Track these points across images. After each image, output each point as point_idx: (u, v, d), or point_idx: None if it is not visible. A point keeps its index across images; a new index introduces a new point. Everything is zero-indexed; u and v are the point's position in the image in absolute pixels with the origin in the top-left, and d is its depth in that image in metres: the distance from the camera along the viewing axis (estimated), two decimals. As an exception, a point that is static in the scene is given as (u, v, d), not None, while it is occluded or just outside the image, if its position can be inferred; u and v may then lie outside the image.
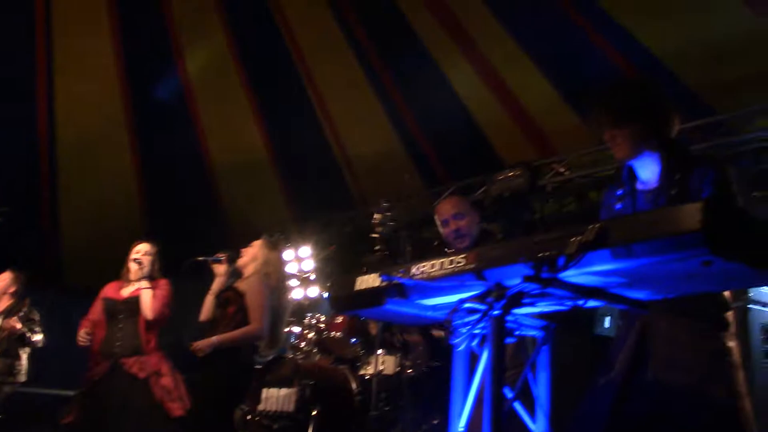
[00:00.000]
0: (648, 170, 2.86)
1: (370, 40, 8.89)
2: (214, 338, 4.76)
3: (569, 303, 2.32)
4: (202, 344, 4.70)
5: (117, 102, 9.48)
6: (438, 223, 4.39)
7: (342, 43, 8.97)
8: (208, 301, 5.16)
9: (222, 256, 5.29)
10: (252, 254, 5.27)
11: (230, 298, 5.01)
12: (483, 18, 7.98)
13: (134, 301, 5.32)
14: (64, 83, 9.15)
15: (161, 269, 5.61)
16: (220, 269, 5.25)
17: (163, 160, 9.80)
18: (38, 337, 6.78)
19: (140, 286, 5.36)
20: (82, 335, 5.34)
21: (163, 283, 5.48)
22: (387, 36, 8.82)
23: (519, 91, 8.33)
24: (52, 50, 8.90)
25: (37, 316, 6.89)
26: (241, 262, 5.28)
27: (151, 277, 5.45)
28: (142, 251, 5.51)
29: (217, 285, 5.22)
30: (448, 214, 4.28)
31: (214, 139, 10.12)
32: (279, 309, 5.24)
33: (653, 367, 2.68)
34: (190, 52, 9.41)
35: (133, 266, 5.45)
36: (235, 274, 5.34)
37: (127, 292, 5.43)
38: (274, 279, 5.22)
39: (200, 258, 5.38)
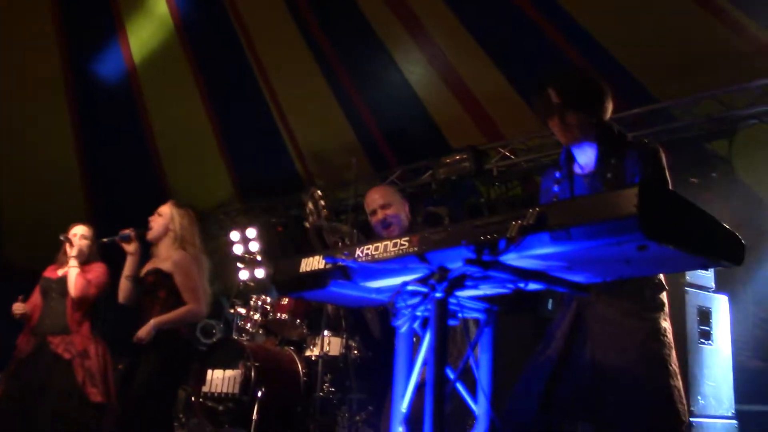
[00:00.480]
0: (585, 155, 2.92)
1: (320, 25, 8.83)
2: (152, 321, 4.60)
3: (511, 286, 2.36)
4: (142, 332, 4.58)
5: (58, 80, 9.27)
6: (367, 212, 4.35)
7: (291, 26, 8.89)
8: (124, 284, 4.89)
9: (128, 231, 4.92)
10: (163, 224, 4.94)
11: (157, 282, 4.77)
12: (432, 4, 7.99)
13: (65, 281, 5.25)
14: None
15: (96, 252, 5.49)
16: (130, 247, 4.91)
17: (106, 139, 9.60)
18: None
19: (69, 265, 5.28)
20: (17, 306, 5.26)
21: (97, 266, 5.36)
22: (337, 20, 8.77)
23: (467, 76, 8.37)
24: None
25: None
26: (152, 234, 4.94)
27: (86, 260, 5.36)
28: (78, 233, 5.42)
29: (130, 265, 4.90)
30: (375, 204, 4.24)
31: (159, 119, 9.96)
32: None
33: (589, 348, 2.74)
34: (134, 30, 9.22)
35: (66, 246, 5.37)
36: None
37: (61, 272, 5.36)
38: (192, 246, 4.94)
39: (105, 239, 5.23)
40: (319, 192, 4.24)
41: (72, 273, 5.23)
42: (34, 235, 8.11)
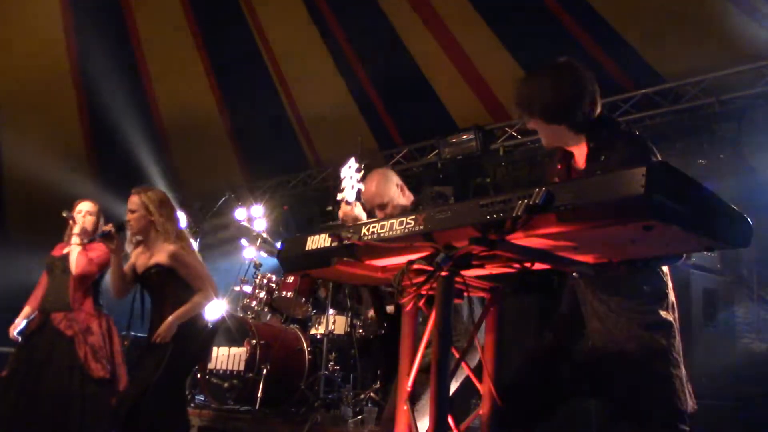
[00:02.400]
0: (577, 152, 2.90)
1: (327, 1, 8.78)
2: (171, 318, 4.59)
3: (517, 265, 2.36)
4: (162, 331, 4.57)
5: (63, 59, 9.27)
6: (365, 207, 4.25)
7: (297, 2, 8.85)
8: (116, 281, 4.79)
9: (108, 228, 4.74)
10: (140, 217, 4.80)
11: (162, 278, 4.73)
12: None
13: (68, 258, 5.28)
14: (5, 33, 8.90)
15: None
16: (112, 245, 4.72)
17: (111, 117, 9.59)
18: None
19: (71, 243, 5.28)
20: (11, 331, 5.32)
21: (98, 245, 5.26)
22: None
23: (475, 56, 8.33)
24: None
25: None
26: (134, 231, 4.82)
27: (91, 239, 5.32)
28: (83, 210, 5.42)
29: (117, 261, 4.76)
30: (372, 204, 4.17)
31: (165, 97, 9.95)
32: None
33: (590, 337, 2.74)
34: (141, 7, 9.19)
35: (70, 224, 5.37)
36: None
37: (66, 250, 5.38)
38: (176, 231, 4.86)
39: (87, 241, 5.19)
40: (355, 163, 4.16)
41: (74, 251, 5.24)
42: (38, 210, 8.13)
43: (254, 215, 9.56)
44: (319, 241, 2.63)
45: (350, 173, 4.15)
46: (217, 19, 9.39)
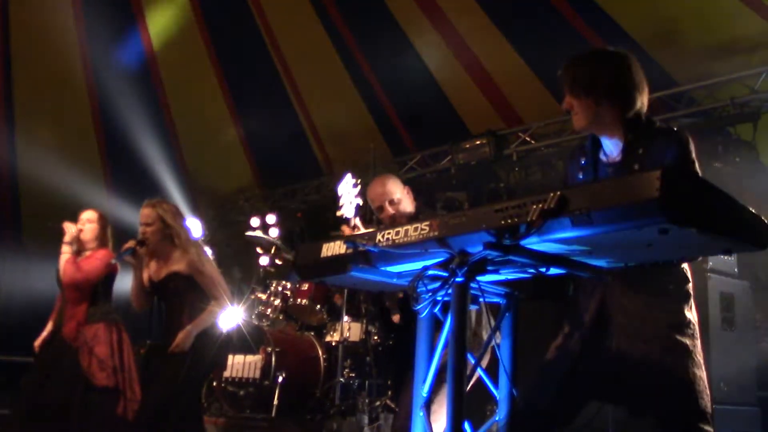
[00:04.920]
0: (611, 142, 2.86)
1: (338, 8, 8.81)
2: (190, 327, 4.60)
3: (532, 270, 2.35)
4: (180, 340, 4.58)
5: (77, 70, 9.35)
6: (372, 207, 4.23)
7: (308, 9, 8.88)
8: (137, 294, 4.83)
9: (131, 244, 4.75)
10: (156, 230, 4.79)
11: (179, 286, 4.74)
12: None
13: None
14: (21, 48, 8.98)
15: (105, 238, 5.40)
16: (134, 260, 4.79)
17: (125, 126, 9.65)
18: None
19: (62, 251, 5.26)
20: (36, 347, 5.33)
21: (98, 253, 5.27)
22: (354, 4, 8.75)
23: (486, 60, 8.33)
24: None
25: None
26: (151, 243, 4.79)
27: (94, 246, 5.31)
28: (84, 218, 5.39)
29: (138, 276, 4.82)
30: (380, 200, 4.13)
31: (178, 106, 10.01)
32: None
33: (614, 338, 2.72)
34: (153, 17, 9.26)
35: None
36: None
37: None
38: (187, 242, 4.86)
39: (113, 260, 5.10)
40: (351, 179, 4.16)
41: (62, 260, 5.20)
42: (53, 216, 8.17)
43: (268, 223, 9.59)
44: (334, 248, 2.63)
45: (348, 189, 4.15)
46: (229, 27, 9.45)
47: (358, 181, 4.18)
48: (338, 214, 4.11)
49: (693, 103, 7.17)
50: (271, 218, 9.74)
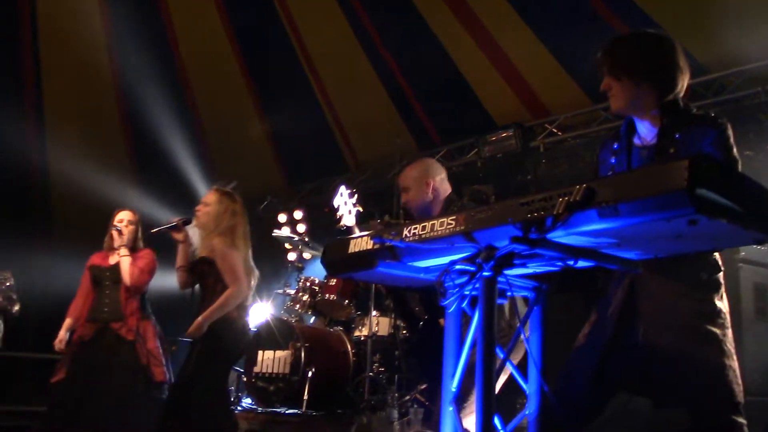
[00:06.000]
0: (645, 126, 2.83)
1: (362, 3, 8.81)
2: (200, 318, 4.65)
3: (560, 263, 2.34)
4: (193, 329, 4.64)
5: (106, 75, 9.45)
6: None
7: (333, 5, 8.89)
8: (180, 272, 4.97)
9: (176, 221, 4.98)
10: (208, 212, 4.95)
11: (205, 270, 4.84)
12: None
13: (118, 269, 5.40)
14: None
15: (143, 238, 5.62)
16: (180, 236, 4.97)
17: (152, 125, 9.73)
18: (16, 308, 6.94)
19: (120, 255, 5.42)
20: (58, 342, 5.42)
21: (145, 253, 5.54)
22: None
23: (511, 52, 8.27)
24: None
25: (13, 286, 7.01)
26: (198, 223, 4.98)
27: (133, 247, 5.50)
28: (124, 219, 5.55)
29: (182, 253, 4.98)
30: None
31: (204, 104, 10.08)
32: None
33: (642, 327, 2.69)
34: (182, 25, 9.34)
35: (114, 235, 5.49)
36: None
37: (113, 260, 5.50)
38: (240, 230, 4.97)
39: (155, 230, 5.27)
40: (346, 190, 4.22)
41: (125, 262, 5.40)
42: (84, 216, 8.30)
43: (295, 219, 9.63)
44: (361, 243, 2.64)
45: (343, 200, 4.19)
46: (254, 23, 9.47)
47: (354, 190, 4.23)
48: (339, 225, 4.16)
49: (723, 90, 7.06)
50: (298, 214, 9.79)
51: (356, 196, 4.24)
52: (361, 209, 4.24)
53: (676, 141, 2.67)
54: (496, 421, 2.34)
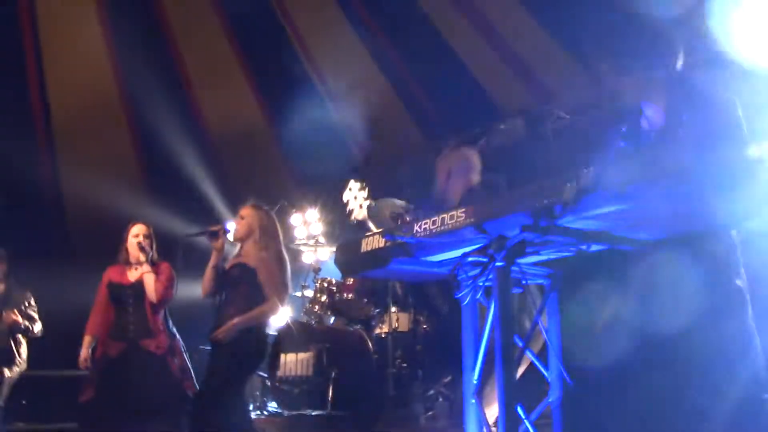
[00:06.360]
0: (653, 108, 2.81)
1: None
2: (236, 320, 4.66)
3: (573, 249, 2.33)
4: (225, 330, 4.66)
5: (111, 87, 9.51)
6: None
7: (333, 5, 8.89)
8: (208, 276, 4.98)
9: (217, 228, 5.05)
10: (246, 224, 5.04)
11: (241, 275, 4.86)
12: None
13: (140, 286, 5.37)
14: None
15: (158, 250, 5.59)
16: (217, 243, 5.00)
17: (161, 135, 9.75)
18: (38, 328, 6.97)
19: (143, 270, 5.39)
20: (83, 361, 5.41)
21: (165, 267, 5.49)
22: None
23: (514, 39, 8.24)
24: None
25: (34, 306, 7.03)
26: (237, 235, 5.05)
27: (152, 261, 5.47)
28: (140, 234, 5.51)
29: (215, 259, 5.00)
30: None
31: (211, 110, 10.09)
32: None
33: (662, 307, 2.68)
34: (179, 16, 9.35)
35: (133, 250, 5.47)
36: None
37: (133, 276, 5.45)
38: (275, 246, 5.04)
39: (194, 232, 5.33)
40: (355, 184, 4.20)
41: (149, 279, 5.36)
42: (99, 233, 8.31)
43: (309, 220, 9.62)
44: (373, 242, 2.64)
45: (353, 194, 4.16)
46: (257, 29, 9.48)
47: (364, 183, 4.20)
48: (350, 220, 4.13)
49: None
50: (312, 215, 9.77)
51: (367, 189, 4.21)
52: (372, 203, 4.21)
53: (684, 122, 2.65)
54: (519, 410, 2.33)
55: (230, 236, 5.04)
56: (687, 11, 2.84)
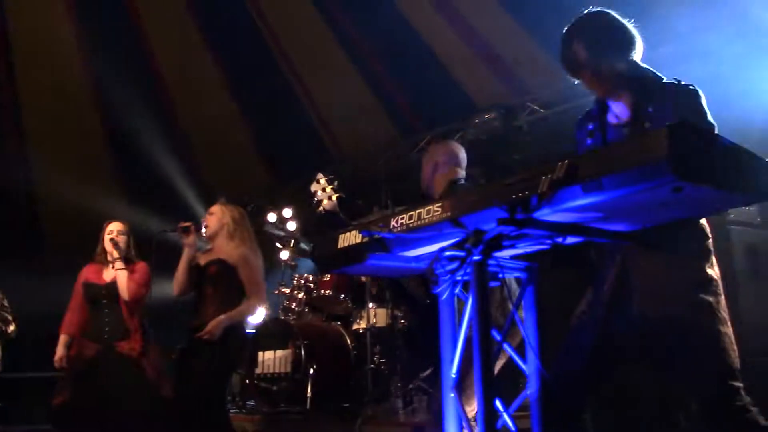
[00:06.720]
0: (619, 105, 2.84)
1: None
2: (223, 317, 4.64)
3: (548, 241, 2.33)
4: (212, 327, 4.61)
5: (83, 85, 9.42)
6: None
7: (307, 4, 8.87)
8: (182, 273, 4.96)
9: (188, 224, 5.01)
10: (216, 221, 5.05)
11: (220, 272, 4.84)
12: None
13: (115, 286, 5.29)
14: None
15: (135, 249, 5.52)
16: (189, 239, 4.97)
17: (135, 135, 9.67)
18: (12, 328, 6.88)
19: (116, 268, 5.32)
20: (58, 360, 5.35)
21: (141, 266, 5.43)
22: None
23: (487, 32, 8.24)
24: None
25: (8, 307, 6.96)
26: (208, 232, 5.05)
27: (127, 259, 5.39)
28: (115, 230, 5.44)
29: (187, 255, 4.97)
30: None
31: (184, 109, 10.03)
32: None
33: (637, 301, 2.70)
34: (149, 15, 9.27)
35: (107, 246, 5.39)
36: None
37: (108, 276, 5.38)
38: (250, 242, 5.05)
39: (165, 230, 5.33)
40: (323, 177, 4.19)
41: (122, 276, 5.28)
42: (72, 233, 8.26)
43: (285, 217, 9.59)
44: (350, 238, 2.64)
45: (321, 186, 4.16)
46: (228, 24, 9.43)
47: (332, 176, 4.20)
48: (319, 210, 4.12)
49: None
50: (287, 212, 9.74)
51: (336, 182, 4.20)
52: (343, 195, 4.20)
53: (649, 114, 2.68)
54: (498, 403, 2.33)
55: (202, 232, 5.01)
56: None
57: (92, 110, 9.72)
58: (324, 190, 4.12)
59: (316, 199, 4.14)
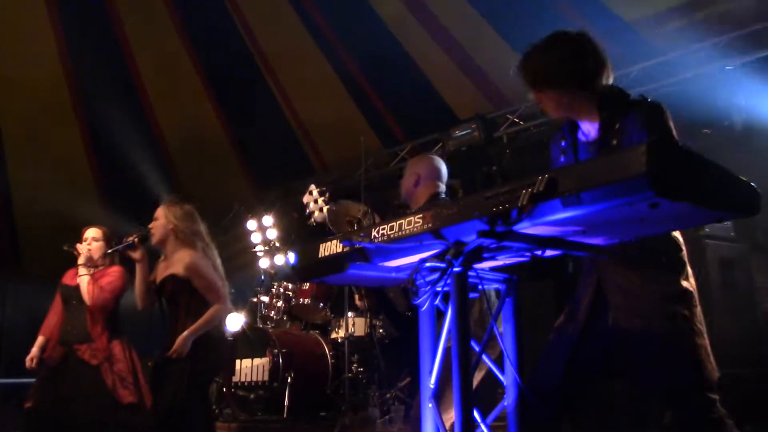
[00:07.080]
0: (587, 124, 2.87)
1: (315, 2, 8.81)
2: (186, 333, 4.55)
3: (528, 254, 2.36)
4: (178, 346, 4.54)
5: (62, 88, 9.34)
6: None
7: (287, 9, 8.87)
8: (140, 290, 4.77)
9: (131, 238, 4.77)
10: (162, 225, 4.80)
11: (175, 289, 4.67)
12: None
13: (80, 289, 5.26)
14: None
15: (113, 255, 5.35)
16: (137, 254, 4.76)
17: (115, 140, 9.62)
18: None
19: (79, 274, 5.26)
20: (29, 361, 5.32)
21: (112, 271, 5.32)
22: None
23: (468, 44, 8.31)
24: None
25: None
26: (155, 240, 4.81)
27: (103, 263, 5.33)
28: (89, 237, 5.39)
29: (141, 272, 4.77)
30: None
31: (165, 116, 10.00)
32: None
33: (613, 315, 2.73)
34: (133, 28, 9.24)
35: (81, 251, 5.34)
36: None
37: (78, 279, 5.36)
38: (199, 241, 4.82)
39: (110, 249, 5.19)
40: (315, 189, 4.20)
41: (83, 281, 5.20)
42: (51, 239, 8.18)
43: (265, 225, 9.59)
44: (331, 247, 2.64)
45: (313, 198, 4.17)
46: (210, 32, 9.42)
47: (324, 189, 4.21)
48: (309, 222, 4.14)
49: (679, 70, 7.13)
50: (267, 220, 9.74)
51: (327, 194, 4.22)
52: (333, 207, 4.22)
53: (617, 132, 2.71)
54: (476, 414, 2.35)
55: (152, 241, 4.82)
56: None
57: (71, 117, 9.65)
58: (316, 201, 4.13)
59: (307, 210, 4.15)
